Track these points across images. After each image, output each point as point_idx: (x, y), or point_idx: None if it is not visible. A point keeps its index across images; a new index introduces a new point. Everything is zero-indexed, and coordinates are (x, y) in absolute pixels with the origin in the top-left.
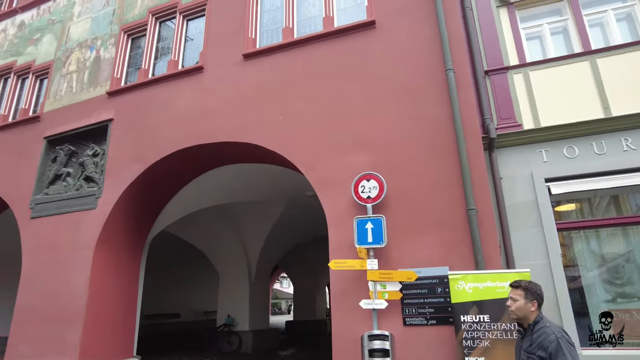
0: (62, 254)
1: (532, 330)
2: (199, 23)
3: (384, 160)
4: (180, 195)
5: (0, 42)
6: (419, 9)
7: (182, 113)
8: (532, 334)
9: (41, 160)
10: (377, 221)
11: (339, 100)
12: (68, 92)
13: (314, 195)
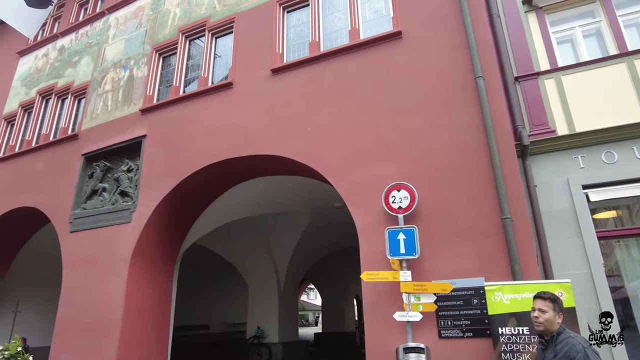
0: (99, 267)
1: (555, 341)
2: (227, 40)
3: (414, 170)
4: (210, 208)
5: (42, 66)
6: (445, 18)
7: (213, 128)
8: (555, 345)
9: (79, 176)
10: (409, 232)
11: (367, 111)
12: (104, 111)
13: (341, 206)
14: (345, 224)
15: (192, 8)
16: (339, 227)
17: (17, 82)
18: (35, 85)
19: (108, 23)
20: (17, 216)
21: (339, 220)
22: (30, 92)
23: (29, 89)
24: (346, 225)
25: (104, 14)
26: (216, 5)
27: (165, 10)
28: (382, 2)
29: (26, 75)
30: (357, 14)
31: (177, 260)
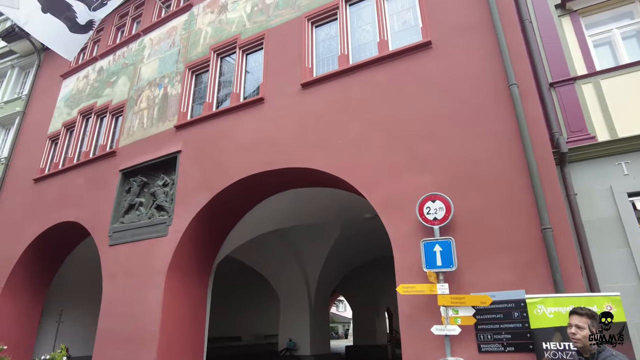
0: (137, 280)
1: None
2: (258, 56)
3: (449, 180)
4: (243, 221)
5: (83, 87)
6: (475, 26)
7: (246, 142)
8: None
9: (117, 192)
10: (445, 244)
11: (398, 121)
12: (140, 128)
13: (372, 217)
14: (375, 235)
15: (223, 26)
16: (370, 238)
17: (61, 103)
18: (76, 106)
19: (143, 44)
20: (60, 230)
21: (369, 231)
22: (72, 112)
23: (71, 109)
24: (377, 236)
25: (139, 36)
26: (246, 22)
27: (197, 29)
28: (411, 13)
29: (69, 96)
30: (385, 25)
31: (211, 273)
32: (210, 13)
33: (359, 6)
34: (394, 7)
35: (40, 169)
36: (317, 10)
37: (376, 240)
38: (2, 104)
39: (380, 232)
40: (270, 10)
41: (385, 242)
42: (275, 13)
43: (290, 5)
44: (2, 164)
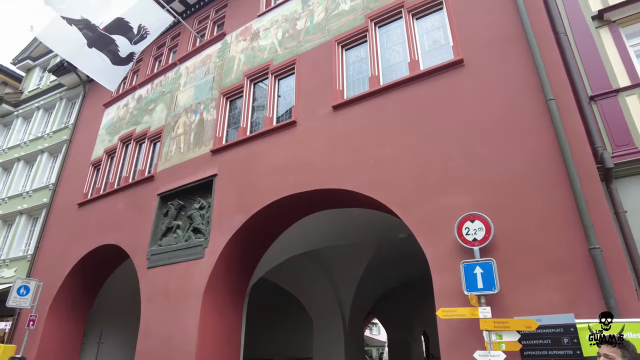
0: (174, 302)
1: None
2: (289, 81)
3: (488, 199)
4: (277, 243)
5: (123, 114)
6: (508, 42)
7: (279, 164)
8: None
9: (155, 215)
10: (486, 265)
11: (432, 140)
12: (177, 153)
13: (406, 237)
14: (410, 255)
15: (255, 53)
16: (404, 259)
17: (103, 130)
18: (117, 133)
19: (179, 72)
20: (101, 253)
21: (404, 252)
22: (113, 139)
23: (112, 136)
24: (412, 257)
25: (176, 65)
26: (278, 49)
27: (231, 57)
28: (441, 32)
29: (110, 124)
30: (415, 45)
31: (246, 295)
32: (243, 41)
33: (388, 28)
34: (423, 27)
35: (83, 193)
36: (347, 33)
37: (411, 261)
38: (51, 134)
39: (416, 253)
40: (301, 36)
41: (421, 263)
42: (305, 38)
43: (320, 30)
44: (50, 190)
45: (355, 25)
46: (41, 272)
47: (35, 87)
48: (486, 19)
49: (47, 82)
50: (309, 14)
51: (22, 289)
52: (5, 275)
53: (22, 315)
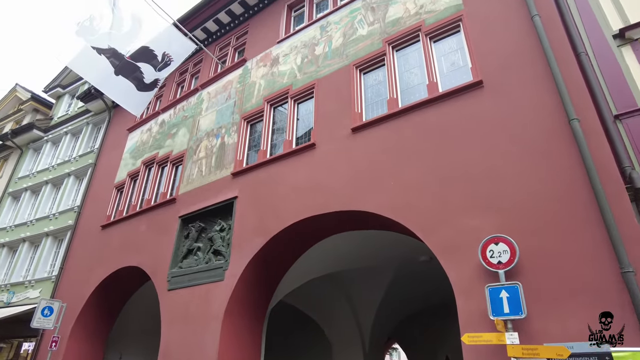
0: (194, 324)
1: None
2: (309, 104)
3: (512, 221)
4: (296, 265)
5: (147, 139)
6: (527, 63)
7: (299, 187)
8: None
9: (176, 237)
10: (512, 289)
11: (453, 161)
12: (198, 176)
13: (427, 260)
14: (432, 279)
15: (275, 78)
16: (426, 283)
17: (127, 154)
18: (140, 156)
19: (201, 97)
20: (123, 274)
21: (425, 275)
22: (136, 163)
23: (136, 159)
24: (434, 281)
25: (198, 90)
26: (297, 74)
27: (251, 82)
28: (459, 54)
29: (133, 148)
30: (434, 68)
31: (265, 318)
32: (263, 67)
33: (405, 51)
34: (441, 50)
35: (107, 216)
36: (365, 58)
37: (433, 284)
38: (77, 157)
39: (438, 276)
40: (320, 61)
41: (443, 286)
42: (324, 63)
43: (339, 55)
44: (75, 212)
45: (372, 50)
46: (65, 293)
47: (64, 113)
48: (504, 41)
49: (75, 108)
50: (327, 39)
51: (46, 310)
52: (31, 295)
53: (45, 336)
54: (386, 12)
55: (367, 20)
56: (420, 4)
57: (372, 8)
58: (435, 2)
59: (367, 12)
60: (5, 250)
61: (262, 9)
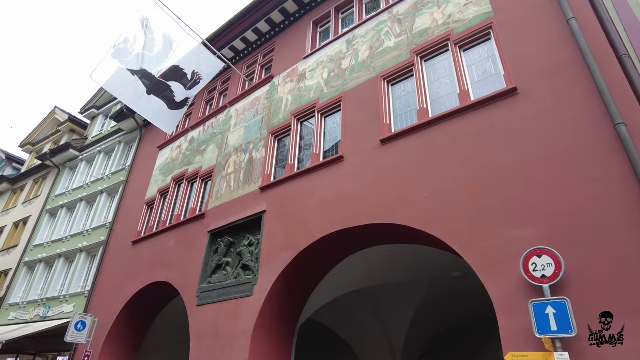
0: (223, 341)
1: None
2: (336, 117)
3: (556, 233)
4: (325, 281)
5: (176, 156)
6: (565, 68)
7: (328, 200)
8: None
9: (206, 252)
10: (560, 305)
11: (490, 171)
12: (227, 191)
13: (461, 275)
14: (466, 295)
15: (302, 93)
16: (460, 299)
17: (157, 171)
18: (170, 173)
19: (230, 114)
20: (152, 290)
21: (459, 291)
22: (167, 179)
23: (166, 176)
24: (468, 297)
25: (226, 107)
26: (324, 88)
27: (279, 98)
28: (490, 62)
29: (164, 165)
30: (464, 76)
31: (294, 336)
32: (290, 82)
33: (434, 62)
34: (471, 58)
35: (137, 232)
36: (392, 69)
37: (468, 300)
38: (109, 175)
39: (472, 292)
40: (347, 74)
41: (479, 303)
42: (351, 76)
43: (366, 68)
44: (107, 228)
45: (400, 61)
46: (97, 308)
47: (98, 133)
48: (539, 47)
49: (108, 128)
50: (353, 53)
51: (80, 325)
52: (65, 310)
53: (78, 351)
54: (413, 23)
55: (394, 32)
56: (448, 14)
57: (398, 20)
58: (463, 11)
59: (393, 25)
60: (43, 265)
61: (288, 26)
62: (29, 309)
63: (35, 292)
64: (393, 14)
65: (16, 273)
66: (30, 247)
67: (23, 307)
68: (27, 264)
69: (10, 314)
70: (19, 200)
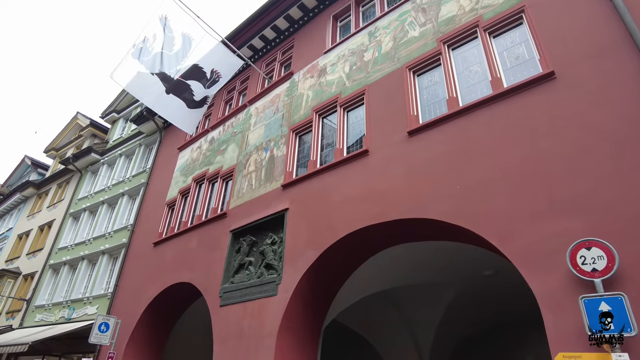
0: (247, 342)
1: None
2: (359, 111)
3: (606, 224)
4: (350, 281)
5: (197, 156)
6: (608, 49)
7: (353, 196)
8: None
9: (228, 252)
10: (615, 301)
11: (528, 160)
12: (249, 189)
13: (492, 274)
14: (499, 295)
15: (323, 88)
16: (491, 299)
17: (177, 172)
18: (191, 174)
19: (249, 113)
20: (175, 291)
21: (490, 291)
22: (187, 180)
23: (186, 177)
24: (500, 297)
25: (246, 106)
26: (346, 82)
27: (299, 94)
28: (523, 47)
29: (184, 166)
30: (496, 63)
31: (319, 337)
32: (310, 78)
33: (461, 49)
34: (502, 44)
35: (158, 233)
36: (418, 59)
37: (500, 300)
38: (130, 177)
39: (505, 292)
40: (369, 66)
41: (512, 302)
42: (374, 69)
43: (390, 59)
44: (129, 230)
45: (426, 50)
46: (120, 309)
47: (118, 137)
48: (577, 28)
49: (128, 131)
50: (376, 45)
51: (103, 326)
52: (89, 312)
53: (101, 352)
54: (438, 11)
55: (419, 21)
56: (475, 0)
57: (422, 9)
58: None
59: (417, 14)
60: (67, 268)
61: (307, 22)
62: (54, 311)
63: (60, 294)
64: (417, 3)
65: (42, 276)
66: (55, 250)
67: (48, 309)
68: (52, 267)
69: (36, 316)
70: (43, 205)
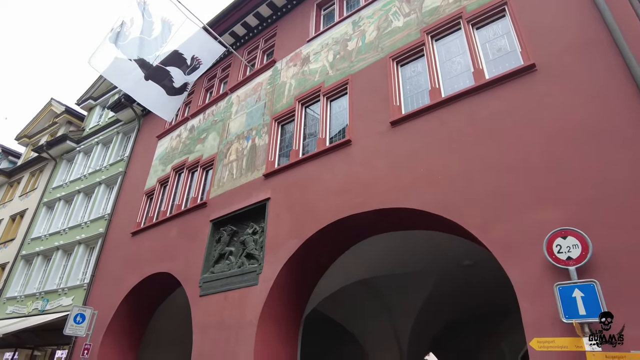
0: (227, 331)
1: None
2: (342, 101)
3: (582, 215)
4: (331, 270)
5: (176, 145)
6: (588, 43)
7: (335, 186)
8: None
9: (208, 242)
10: (588, 288)
11: (508, 151)
12: (229, 179)
13: (470, 264)
14: (475, 285)
15: (306, 77)
16: (470, 289)
17: (156, 161)
18: (170, 162)
19: (230, 101)
20: (153, 281)
21: (468, 281)
22: (166, 169)
23: (165, 165)
24: (478, 286)
25: (227, 94)
26: (329, 71)
27: (282, 82)
28: (505, 39)
29: (163, 154)
30: (478, 54)
31: (300, 326)
32: (294, 66)
33: (445, 41)
34: (485, 36)
35: (137, 223)
36: (402, 49)
37: (478, 290)
38: (107, 166)
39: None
40: (353, 56)
41: (489, 292)
42: (358, 58)
43: (373, 49)
44: (106, 220)
45: (410, 40)
46: (96, 300)
47: (95, 124)
48: (558, 21)
49: (105, 118)
50: (360, 34)
51: (79, 317)
52: (64, 303)
53: (77, 344)
54: (422, 2)
55: (403, 11)
56: None
57: None
58: None
59: (401, 4)
60: (40, 258)
61: (291, 9)
62: (27, 303)
63: (33, 286)
64: None
65: (13, 266)
66: (27, 240)
67: (21, 300)
68: (24, 257)
69: (7, 308)
70: (15, 194)
